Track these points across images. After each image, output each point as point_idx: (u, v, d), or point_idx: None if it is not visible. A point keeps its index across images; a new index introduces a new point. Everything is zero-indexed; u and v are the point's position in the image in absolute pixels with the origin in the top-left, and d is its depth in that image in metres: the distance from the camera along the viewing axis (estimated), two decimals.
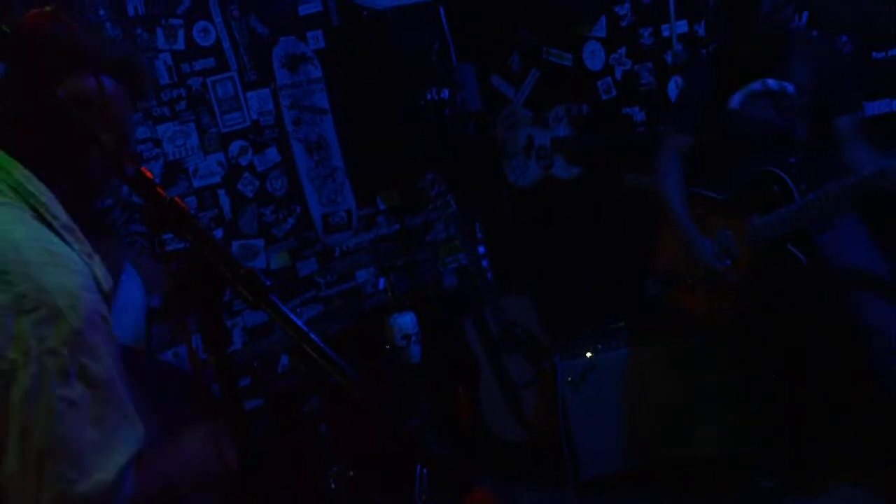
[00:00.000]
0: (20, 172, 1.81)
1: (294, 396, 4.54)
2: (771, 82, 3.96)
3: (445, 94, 5.58)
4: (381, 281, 5.55)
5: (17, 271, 1.66)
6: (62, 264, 1.73)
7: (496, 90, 5.93)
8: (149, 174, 1.71)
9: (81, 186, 1.93)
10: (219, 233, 5.22)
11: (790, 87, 3.93)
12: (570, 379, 4.72)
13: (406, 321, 5.00)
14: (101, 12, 4.87)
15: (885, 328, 3.83)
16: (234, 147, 5.29)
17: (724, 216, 4.13)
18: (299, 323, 1.66)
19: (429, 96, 5.53)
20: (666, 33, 5.18)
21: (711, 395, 4.52)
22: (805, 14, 4.57)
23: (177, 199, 1.66)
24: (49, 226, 1.80)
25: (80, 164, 1.90)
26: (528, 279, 5.62)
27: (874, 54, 4.40)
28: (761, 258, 3.99)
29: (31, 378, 1.62)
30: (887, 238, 4.03)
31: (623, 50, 5.39)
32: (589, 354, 4.74)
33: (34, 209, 1.79)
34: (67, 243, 1.80)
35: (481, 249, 5.33)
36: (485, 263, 5.29)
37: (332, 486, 4.15)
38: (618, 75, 5.45)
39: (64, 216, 1.83)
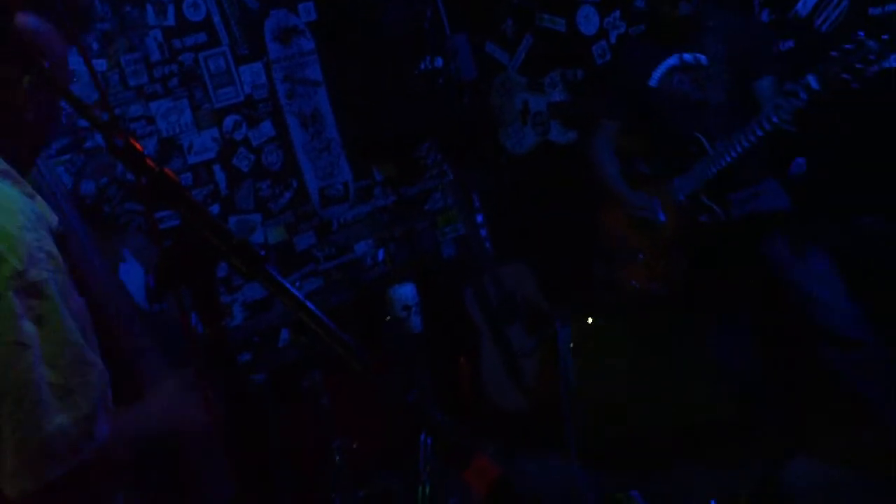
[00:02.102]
0: None
1: (295, 370, 4.53)
2: (686, 56, 4.12)
3: (439, 62, 5.55)
4: (380, 252, 5.54)
5: None
6: (1, 207, 1.72)
7: (490, 57, 5.89)
8: (138, 146, 1.69)
9: (15, 131, 1.90)
10: (215, 209, 5.19)
11: (703, 59, 4.09)
12: (571, 345, 4.70)
13: (406, 292, 4.98)
14: None
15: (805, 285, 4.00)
16: (229, 122, 5.26)
17: (651, 186, 4.33)
18: (295, 292, 1.64)
19: (423, 66, 5.50)
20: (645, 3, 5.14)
21: (709, 362, 4.54)
22: None
23: (166, 169, 1.64)
24: None
25: (10, 107, 1.87)
26: (527, 247, 5.60)
27: (871, 10, 4.36)
28: (685, 218, 4.16)
29: None
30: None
31: (617, 13, 5.35)
32: (591, 320, 4.73)
33: None
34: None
35: (479, 218, 5.31)
36: (483, 232, 5.27)
37: (336, 458, 4.14)
38: (612, 39, 5.41)
39: (1, 163, 1.81)
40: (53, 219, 1.83)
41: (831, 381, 4.04)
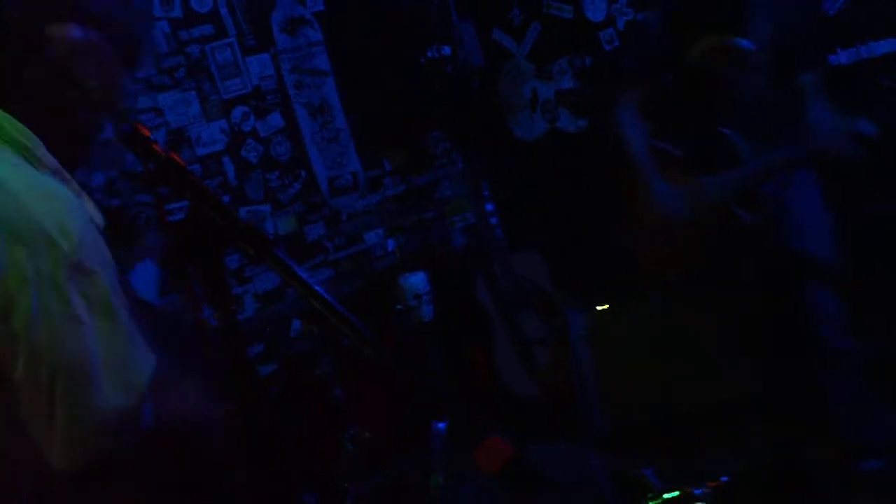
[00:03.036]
0: (4, 119, 1.81)
1: (307, 360, 4.53)
2: (729, 38, 3.92)
3: (447, 50, 5.54)
4: (390, 242, 5.54)
5: (7, 204, 1.67)
6: (51, 196, 1.74)
7: (498, 45, 5.88)
8: (145, 131, 1.69)
9: (67, 132, 1.92)
10: (225, 200, 5.19)
11: (747, 44, 3.89)
12: (583, 332, 4.70)
13: (417, 281, 4.97)
14: None
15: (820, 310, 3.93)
16: (237, 113, 5.26)
17: (679, 172, 4.17)
18: (305, 276, 1.64)
19: (430, 54, 5.50)
20: None
21: (722, 346, 4.52)
22: None
23: (173, 154, 1.64)
24: (34, 166, 1.80)
25: (65, 109, 1.89)
26: (537, 234, 5.59)
27: None
28: (710, 217, 4.04)
29: (31, 304, 1.63)
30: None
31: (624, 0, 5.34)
32: (601, 307, 4.72)
33: (18, 152, 1.80)
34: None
35: (489, 207, 5.30)
36: (493, 221, 5.26)
37: (349, 447, 4.15)
38: (620, 25, 5.39)
39: (50, 158, 1.83)
40: (99, 217, 1.85)
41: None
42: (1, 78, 1.85)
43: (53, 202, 1.73)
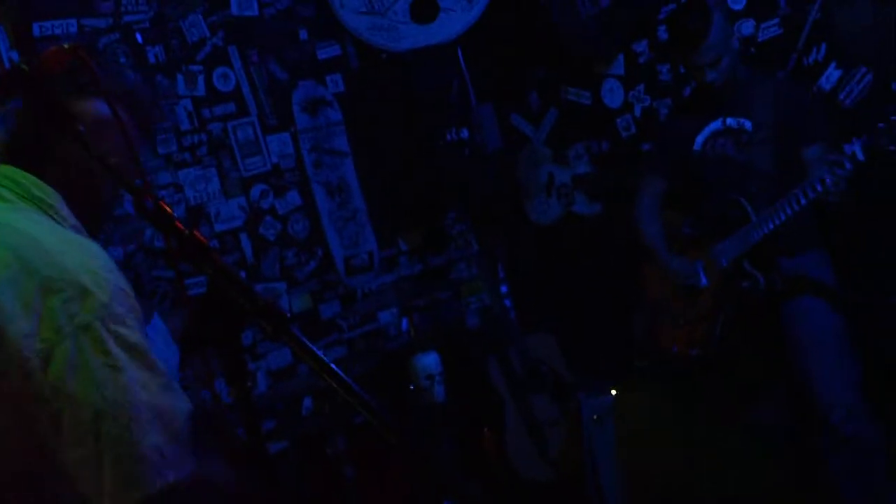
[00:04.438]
0: (28, 180, 1.90)
1: (319, 438, 4.52)
2: (730, 120, 4.16)
3: (465, 133, 5.61)
4: (404, 321, 5.54)
5: (40, 259, 1.72)
6: (81, 248, 1.81)
7: (516, 129, 5.94)
8: (168, 208, 1.73)
9: (85, 201, 2.00)
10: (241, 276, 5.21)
11: (748, 124, 4.12)
12: (595, 417, 4.68)
13: (429, 361, 4.98)
14: (122, 59, 4.91)
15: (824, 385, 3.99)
16: (256, 191, 5.31)
17: (695, 249, 4.32)
18: (320, 354, 1.66)
19: (449, 136, 5.56)
20: (684, 69, 5.17)
21: (730, 435, 4.49)
22: (823, 45, 4.57)
23: (196, 231, 1.67)
24: (57, 222, 1.89)
25: (86, 179, 1.98)
26: (551, 317, 5.60)
27: (893, 84, 4.40)
28: (728, 282, 4.15)
29: (69, 353, 1.66)
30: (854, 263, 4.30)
31: (641, 87, 5.39)
32: (613, 392, 4.72)
33: (45, 211, 1.89)
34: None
35: (504, 288, 5.31)
36: (507, 302, 5.27)
37: None
38: (637, 112, 5.45)
39: (72, 218, 1.92)
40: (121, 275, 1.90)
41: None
42: (33, 147, 1.94)
43: (85, 254, 1.79)
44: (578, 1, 5.46)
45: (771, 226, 3.92)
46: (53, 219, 1.88)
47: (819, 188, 3.66)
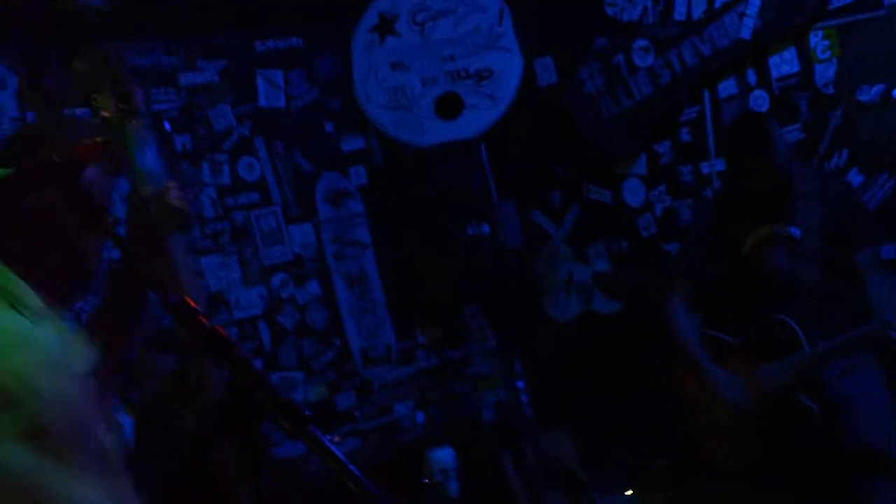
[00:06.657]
0: None
1: None
2: (777, 229, 3.93)
3: (486, 229, 5.62)
4: (420, 414, 5.52)
5: None
6: (25, 345, 1.78)
7: (537, 226, 5.96)
8: (192, 303, 1.73)
9: (70, 263, 2.00)
10: (257, 364, 5.21)
11: (795, 231, 3.89)
12: None
13: (444, 455, 4.95)
14: None
15: None
16: (276, 280, 5.33)
17: (735, 360, 4.09)
18: (339, 454, 1.65)
19: (470, 231, 5.58)
20: (706, 171, 5.21)
21: None
22: (845, 152, 4.59)
23: (218, 327, 1.67)
24: (13, 307, 1.85)
25: (75, 238, 1.99)
26: (568, 415, 5.56)
27: None
28: (773, 406, 3.93)
29: None
30: None
31: (663, 187, 5.42)
32: (629, 492, 4.66)
33: (4, 299, 1.85)
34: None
35: (521, 384, 5.29)
36: (524, 398, 5.24)
37: None
38: (658, 212, 5.47)
39: (37, 303, 1.88)
40: (88, 357, 1.88)
41: None
42: (21, 246, 1.93)
43: (27, 353, 1.77)
44: (602, 101, 5.52)
45: (825, 361, 3.77)
46: (13, 306, 1.85)
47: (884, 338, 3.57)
